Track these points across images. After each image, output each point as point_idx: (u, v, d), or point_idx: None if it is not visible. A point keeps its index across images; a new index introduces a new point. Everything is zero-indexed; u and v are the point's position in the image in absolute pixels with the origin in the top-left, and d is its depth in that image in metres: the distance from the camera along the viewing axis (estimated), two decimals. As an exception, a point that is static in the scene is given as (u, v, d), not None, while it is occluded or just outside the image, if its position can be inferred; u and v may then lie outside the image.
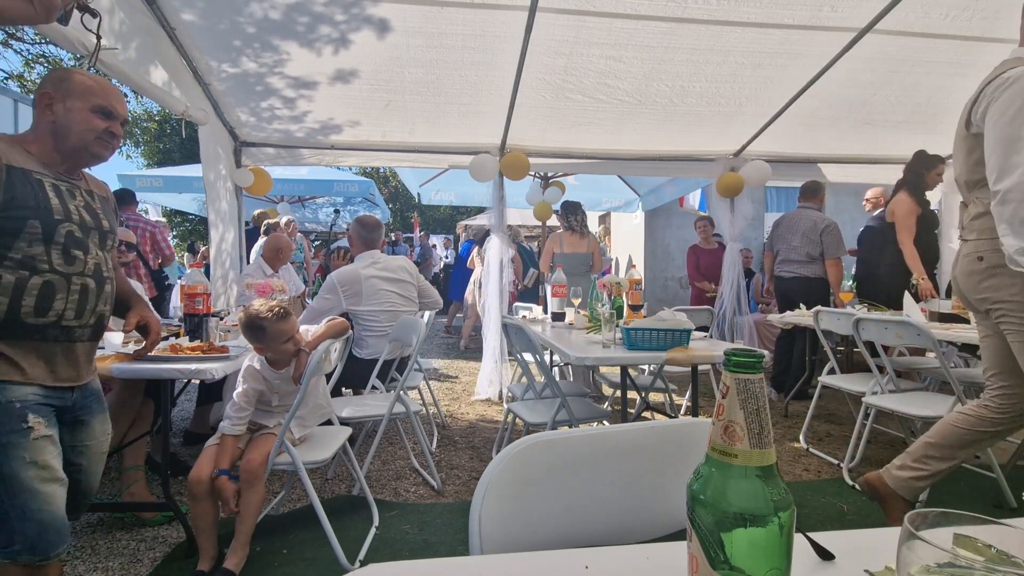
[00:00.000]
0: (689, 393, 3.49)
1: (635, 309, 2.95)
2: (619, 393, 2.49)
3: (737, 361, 0.45)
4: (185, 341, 2.28)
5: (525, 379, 3.06)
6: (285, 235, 4.46)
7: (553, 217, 5.60)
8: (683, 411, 3.89)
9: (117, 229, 1.59)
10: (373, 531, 2.25)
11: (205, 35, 3.13)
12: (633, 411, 3.35)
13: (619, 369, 2.47)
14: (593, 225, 11.53)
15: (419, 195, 7.98)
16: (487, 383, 4.45)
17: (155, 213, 10.46)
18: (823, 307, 3.32)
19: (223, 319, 2.80)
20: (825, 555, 0.61)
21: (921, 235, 3.66)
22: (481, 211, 13.40)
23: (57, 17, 1.53)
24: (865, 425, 2.86)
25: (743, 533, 0.43)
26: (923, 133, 4.31)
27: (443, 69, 3.49)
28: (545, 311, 3.65)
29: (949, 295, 3.17)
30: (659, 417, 3.52)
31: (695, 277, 5.90)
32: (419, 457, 3.09)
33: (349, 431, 2.27)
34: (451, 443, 3.39)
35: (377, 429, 2.65)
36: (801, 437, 3.38)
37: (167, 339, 2.27)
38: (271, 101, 3.80)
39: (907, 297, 3.13)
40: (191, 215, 14.07)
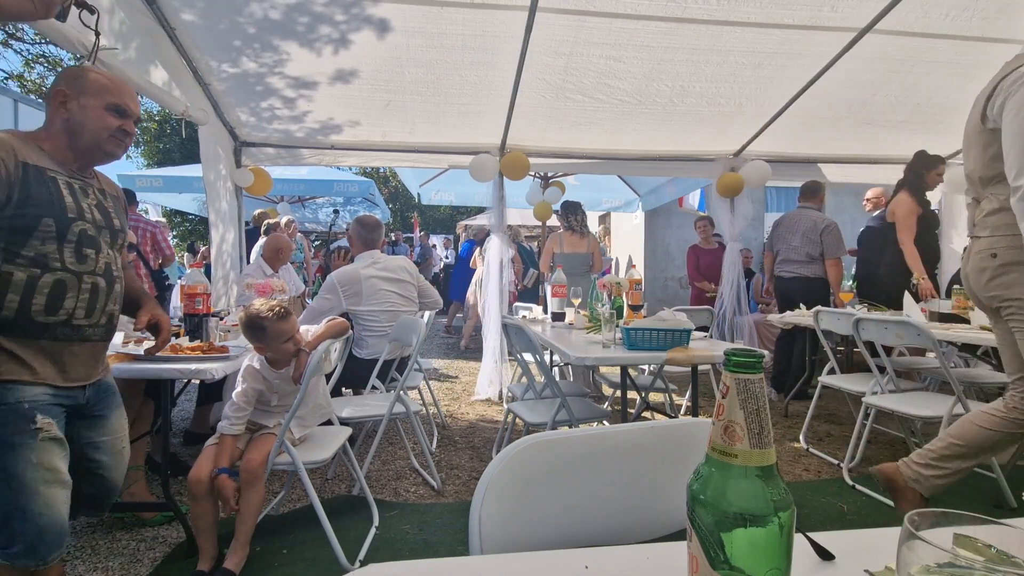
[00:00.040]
0: (689, 393, 3.49)
1: (635, 309, 2.95)
2: (619, 393, 2.49)
3: (737, 361, 0.45)
4: (185, 341, 2.28)
5: (525, 379, 3.06)
6: (285, 235, 4.46)
7: (553, 217, 5.60)
8: (683, 411, 3.89)
9: (128, 228, 1.59)
10: (373, 531, 2.25)
11: (205, 35, 3.14)
12: (633, 411, 3.35)
13: (619, 369, 2.47)
14: (593, 225, 11.53)
15: (419, 195, 7.98)
16: (487, 383, 4.45)
17: (155, 213, 10.46)
18: (823, 307, 3.31)
19: (223, 319, 2.80)
20: (825, 555, 0.61)
21: (921, 235, 3.66)
22: (481, 211, 13.41)
23: (56, 13, 1.52)
24: (865, 425, 2.86)
25: (743, 533, 0.43)
26: (923, 133, 4.31)
27: (443, 69, 3.49)
28: (545, 311, 3.65)
29: (949, 295, 3.17)
30: (659, 417, 3.52)
31: (695, 277, 5.91)
32: (419, 457, 3.09)
33: (349, 431, 2.27)
34: (451, 443, 3.39)
35: (377, 429, 2.65)
36: (801, 437, 3.38)
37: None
38: (271, 101, 3.81)
39: (907, 297, 3.12)
40: (191, 215, 14.08)
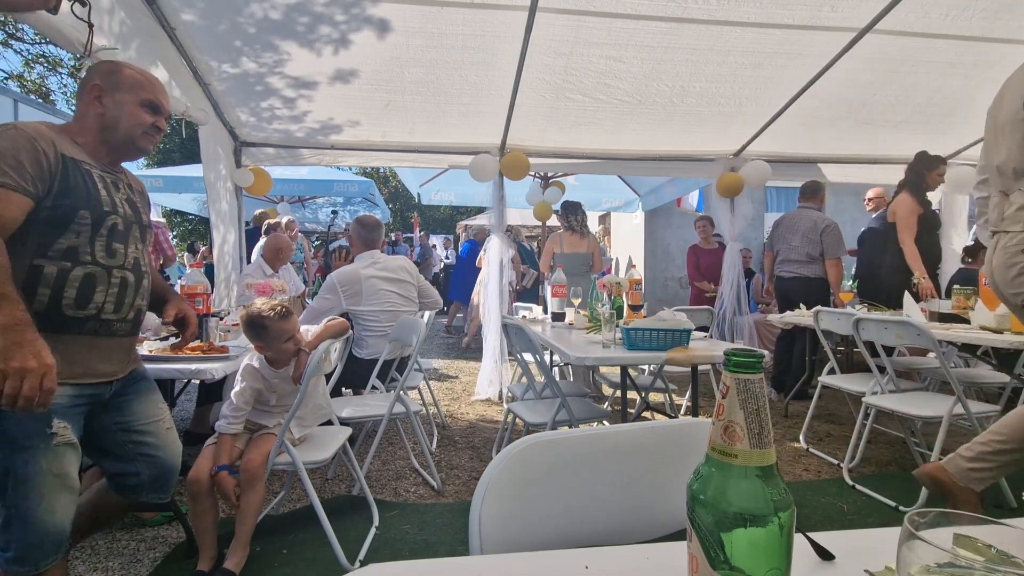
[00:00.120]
0: (689, 393, 3.49)
1: (635, 309, 2.95)
2: (619, 393, 2.49)
3: (737, 361, 0.45)
4: (185, 341, 2.28)
5: (525, 379, 3.06)
6: (285, 235, 4.46)
7: (553, 217, 5.60)
8: (683, 411, 3.89)
9: (152, 224, 1.58)
10: (373, 531, 2.25)
11: (205, 35, 3.13)
12: (633, 411, 3.35)
13: (619, 369, 2.47)
14: (593, 225, 11.53)
15: (419, 195, 7.98)
16: (487, 383, 4.45)
17: (155, 213, 10.47)
18: (823, 307, 3.32)
19: (223, 319, 2.80)
20: (825, 555, 0.61)
21: (922, 235, 3.66)
22: (481, 211, 13.41)
23: (53, 3, 1.52)
24: (865, 425, 2.86)
25: (743, 533, 0.43)
26: (923, 133, 4.31)
27: (443, 69, 3.49)
28: (545, 311, 3.65)
29: (949, 295, 3.17)
30: (659, 417, 3.52)
31: (695, 277, 5.91)
32: (419, 457, 3.09)
33: (349, 431, 2.27)
34: (451, 443, 3.39)
35: (377, 429, 2.64)
36: (801, 437, 3.38)
37: (167, 339, 2.27)
38: (271, 101, 3.81)
39: (907, 297, 3.12)
40: (191, 215, 14.08)
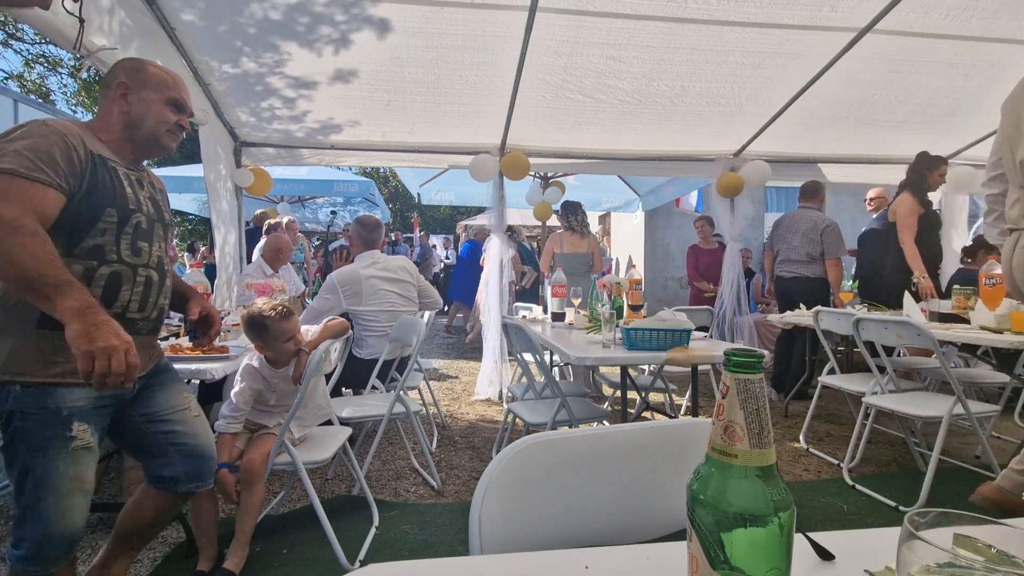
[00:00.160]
0: (689, 393, 3.49)
1: (635, 309, 2.95)
2: (619, 393, 2.49)
3: (737, 361, 0.45)
4: (185, 341, 2.28)
5: (525, 379, 3.06)
6: (285, 235, 4.46)
7: (553, 217, 5.60)
8: (683, 411, 3.89)
9: (172, 222, 1.57)
10: (373, 531, 2.25)
11: (205, 35, 3.13)
12: (633, 411, 3.35)
13: (619, 369, 2.47)
14: (593, 225, 11.52)
15: (419, 195, 7.98)
16: (487, 383, 4.45)
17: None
18: (823, 307, 3.32)
19: (223, 319, 2.79)
20: (825, 555, 0.61)
21: (923, 235, 3.66)
22: (481, 211, 13.42)
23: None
24: (865, 425, 2.86)
25: (743, 533, 0.43)
26: (923, 133, 4.31)
27: (443, 69, 3.49)
28: (545, 311, 3.65)
29: (949, 295, 3.17)
30: (659, 417, 3.52)
31: (694, 277, 5.91)
32: (419, 457, 3.09)
33: (349, 431, 2.27)
34: (451, 443, 3.39)
35: (377, 429, 2.64)
36: (801, 437, 3.38)
37: (167, 339, 2.27)
38: (271, 101, 3.81)
39: (907, 297, 3.12)
40: (191, 215, 14.07)
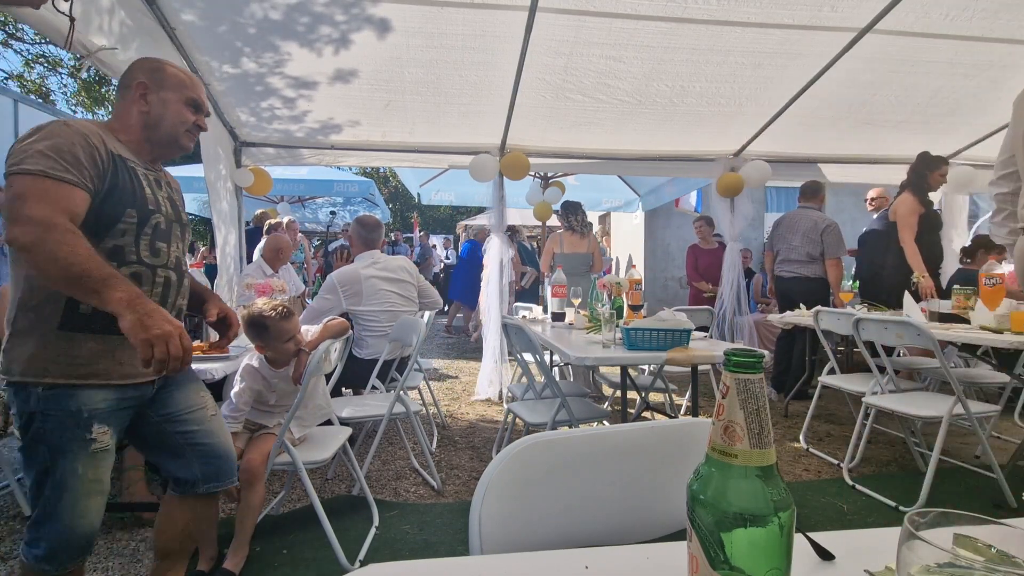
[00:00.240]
0: (689, 393, 3.49)
1: (635, 309, 2.95)
2: (619, 393, 2.49)
3: (737, 361, 0.45)
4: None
5: (525, 379, 3.06)
6: (286, 235, 4.46)
7: (553, 217, 5.60)
8: (683, 411, 3.89)
9: (189, 223, 1.56)
10: (373, 531, 2.26)
11: (205, 35, 3.13)
12: (633, 411, 3.35)
13: (619, 369, 2.47)
14: (593, 225, 11.50)
15: (419, 195, 7.98)
16: (487, 383, 4.45)
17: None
18: (823, 307, 3.32)
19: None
20: (825, 555, 0.61)
21: (923, 235, 3.66)
22: (481, 211, 13.42)
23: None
24: (865, 425, 2.86)
25: (743, 533, 0.43)
26: (923, 133, 4.31)
27: (443, 69, 3.49)
28: (545, 311, 3.65)
29: (949, 295, 3.17)
30: (659, 417, 3.52)
31: (693, 277, 5.90)
32: (419, 457, 3.09)
33: (349, 431, 2.27)
34: (451, 443, 3.39)
35: (377, 429, 2.64)
36: (801, 437, 3.38)
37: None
38: (271, 101, 3.80)
39: (907, 297, 3.12)
40: (191, 215, 14.08)
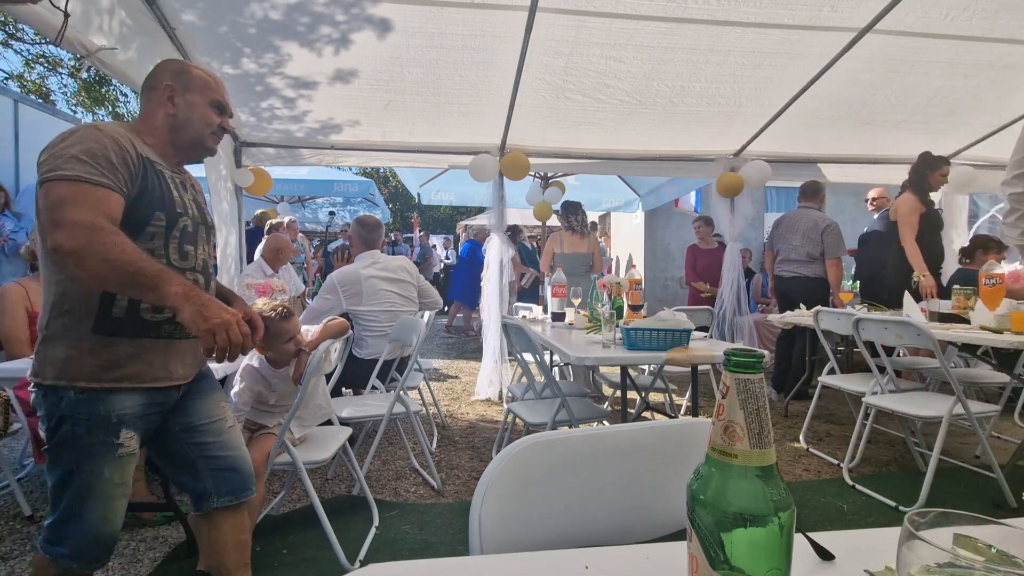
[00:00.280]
0: (689, 393, 3.49)
1: (635, 309, 2.95)
2: (619, 393, 2.49)
3: (737, 361, 0.45)
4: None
5: (525, 379, 3.06)
6: (286, 235, 4.46)
7: (553, 217, 5.60)
8: (683, 411, 3.89)
9: (214, 225, 1.56)
10: (373, 531, 2.26)
11: (205, 36, 3.13)
12: (633, 411, 3.35)
13: (619, 369, 2.47)
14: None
15: (419, 195, 7.99)
16: (487, 383, 4.45)
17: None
18: (823, 307, 3.31)
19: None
20: (825, 555, 0.61)
21: (924, 234, 3.66)
22: (481, 211, 13.42)
23: None
24: (865, 425, 2.86)
25: (743, 533, 0.43)
26: (923, 133, 4.31)
27: (443, 69, 3.49)
28: (545, 311, 3.65)
29: (949, 295, 3.17)
30: (659, 417, 3.52)
31: (691, 277, 5.89)
32: (419, 457, 3.09)
33: (349, 431, 2.27)
34: (451, 443, 3.39)
35: (377, 429, 2.64)
36: (801, 437, 3.38)
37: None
38: (271, 101, 3.80)
39: (907, 297, 3.12)
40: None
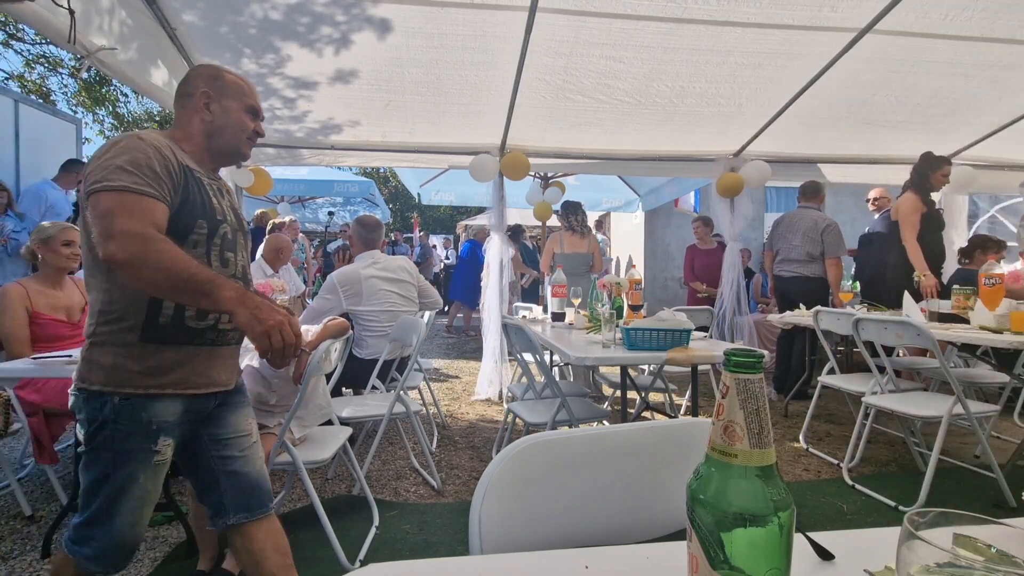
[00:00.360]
0: (689, 393, 3.49)
1: (635, 309, 2.95)
2: (619, 393, 2.49)
3: (737, 361, 0.45)
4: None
5: (525, 379, 3.06)
6: (286, 235, 4.47)
7: (553, 217, 5.60)
8: (683, 411, 3.89)
9: (249, 231, 1.54)
10: (373, 531, 2.26)
11: (206, 36, 3.14)
12: (633, 411, 3.35)
13: (619, 369, 2.47)
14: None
15: (419, 195, 7.99)
16: (487, 383, 4.45)
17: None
18: (823, 307, 3.31)
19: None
20: (825, 555, 0.61)
21: (925, 234, 3.67)
22: (481, 211, 13.42)
23: None
24: (865, 425, 2.87)
25: (743, 533, 0.43)
26: (923, 133, 4.31)
27: (443, 69, 3.49)
28: (545, 311, 3.65)
29: (949, 295, 3.17)
30: (659, 417, 3.52)
31: (689, 277, 5.89)
32: (419, 457, 3.09)
33: (349, 431, 2.27)
34: (451, 443, 3.39)
35: (377, 429, 2.65)
36: (801, 437, 3.38)
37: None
38: (271, 101, 3.81)
39: (907, 297, 3.12)
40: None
